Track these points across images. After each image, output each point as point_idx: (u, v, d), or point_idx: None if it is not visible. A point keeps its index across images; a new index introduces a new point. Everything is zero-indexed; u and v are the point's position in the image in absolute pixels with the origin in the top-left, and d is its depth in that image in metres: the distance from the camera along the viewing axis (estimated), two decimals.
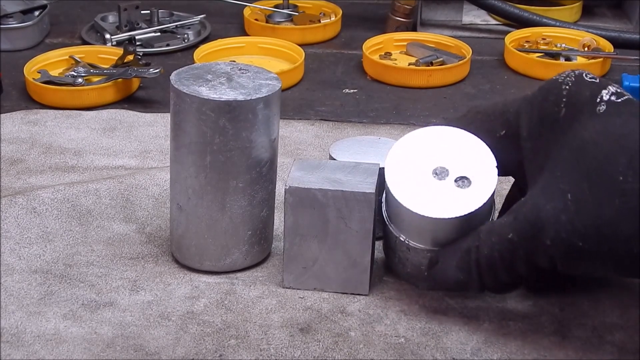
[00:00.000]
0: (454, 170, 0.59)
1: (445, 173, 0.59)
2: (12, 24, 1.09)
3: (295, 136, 0.89)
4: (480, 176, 0.59)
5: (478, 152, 0.60)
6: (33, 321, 0.61)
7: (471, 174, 0.59)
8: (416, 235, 0.60)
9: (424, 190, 0.59)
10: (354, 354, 0.58)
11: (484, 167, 0.59)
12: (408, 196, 0.59)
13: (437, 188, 0.59)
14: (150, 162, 0.83)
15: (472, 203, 0.58)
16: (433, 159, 0.60)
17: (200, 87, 0.62)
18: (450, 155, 0.60)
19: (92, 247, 0.69)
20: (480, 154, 0.60)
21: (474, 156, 0.60)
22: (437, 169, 0.60)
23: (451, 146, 0.60)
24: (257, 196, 0.65)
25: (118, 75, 0.96)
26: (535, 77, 1.04)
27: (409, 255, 0.62)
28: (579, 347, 0.59)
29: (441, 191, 0.59)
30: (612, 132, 0.54)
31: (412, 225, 0.60)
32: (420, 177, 0.60)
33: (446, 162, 0.60)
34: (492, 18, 1.20)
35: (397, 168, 0.60)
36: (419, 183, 0.59)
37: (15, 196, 0.74)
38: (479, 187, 0.59)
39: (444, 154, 0.60)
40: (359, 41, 1.09)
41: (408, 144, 0.61)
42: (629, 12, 1.22)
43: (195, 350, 0.59)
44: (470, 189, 0.59)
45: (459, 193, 0.59)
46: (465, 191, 0.59)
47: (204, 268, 0.66)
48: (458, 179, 0.59)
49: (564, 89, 0.57)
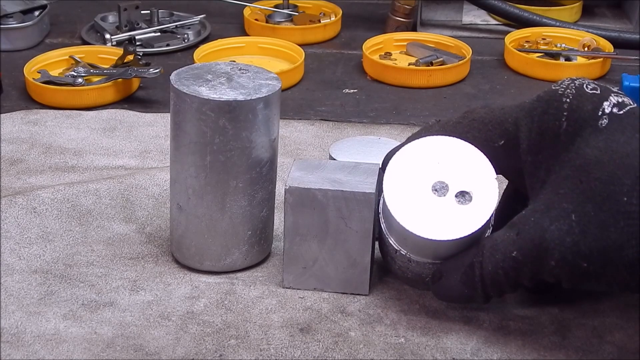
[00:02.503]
0: (453, 185, 0.58)
1: (445, 189, 0.58)
2: (12, 24, 1.09)
3: (295, 136, 0.89)
4: (481, 190, 0.58)
5: (477, 164, 0.59)
6: (33, 321, 0.61)
7: (471, 187, 0.58)
8: (417, 252, 0.60)
9: (425, 209, 0.58)
10: (354, 354, 0.58)
11: (484, 179, 0.58)
12: (409, 217, 0.58)
13: (438, 206, 0.58)
14: (150, 162, 0.83)
15: (474, 222, 0.57)
16: (432, 173, 0.59)
17: (200, 87, 0.62)
18: (449, 168, 0.59)
19: (92, 247, 0.69)
20: (480, 166, 0.59)
21: (473, 168, 0.59)
22: (437, 185, 0.58)
23: (449, 158, 0.59)
24: (257, 196, 0.65)
25: (118, 75, 0.96)
26: (535, 77, 1.04)
27: (410, 266, 0.61)
28: (579, 347, 0.59)
29: (442, 210, 0.58)
30: (615, 150, 0.53)
31: (414, 243, 0.59)
32: (420, 195, 0.58)
33: (445, 177, 0.58)
34: (492, 18, 1.20)
35: (395, 186, 0.59)
36: (419, 202, 0.58)
37: (15, 196, 0.74)
38: (480, 203, 0.58)
39: (443, 167, 0.59)
40: (359, 41, 1.09)
41: (405, 159, 0.59)
42: (629, 12, 1.22)
43: (195, 350, 0.59)
44: (471, 205, 0.58)
45: (460, 211, 0.57)
46: (467, 208, 0.57)
47: (204, 268, 0.66)
48: (458, 194, 0.58)
49: (565, 102, 0.56)
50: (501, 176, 0.62)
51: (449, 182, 0.58)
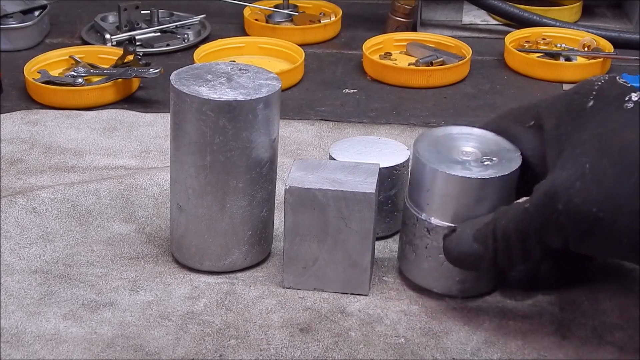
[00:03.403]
0: (481, 154, 0.63)
1: (473, 155, 0.62)
2: (12, 24, 1.09)
3: (295, 136, 0.89)
4: (505, 158, 0.62)
5: (503, 143, 0.63)
6: (33, 321, 0.61)
7: (497, 157, 0.62)
8: (438, 208, 0.61)
9: (452, 160, 0.62)
10: (354, 354, 0.58)
11: (508, 153, 0.62)
12: (436, 162, 0.61)
13: (465, 160, 0.62)
14: (150, 162, 0.83)
15: (498, 172, 0.61)
16: (460, 144, 0.63)
17: (200, 87, 0.62)
18: (476, 144, 0.63)
19: (92, 247, 0.69)
20: (505, 145, 0.63)
21: (499, 145, 0.63)
22: (464, 152, 0.63)
23: (477, 138, 0.64)
24: (257, 196, 0.65)
25: (118, 75, 0.96)
26: (535, 77, 1.04)
27: (428, 241, 0.62)
28: (579, 347, 0.59)
29: (468, 162, 0.62)
30: (637, 125, 0.55)
31: (436, 193, 0.61)
32: (449, 153, 0.62)
33: (473, 148, 0.63)
34: (492, 18, 1.20)
35: (426, 146, 0.63)
36: (448, 156, 0.62)
37: (15, 196, 0.74)
38: (504, 164, 0.61)
39: (471, 143, 0.64)
40: (359, 41, 1.09)
41: (436, 133, 0.65)
42: (629, 12, 1.22)
43: (195, 351, 0.59)
44: (496, 164, 0.61)
45: (485, 165, 0.61)
46: (492, 164, 0.61)
47: (204, 268, 0.66)
48: (485, 159, 0.62)
49: (596, 85, 0.59)
50: None
51: (476, 151, 0.63)
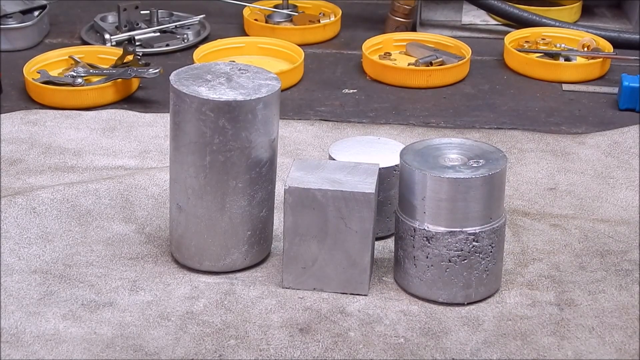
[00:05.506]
0: (467, 158, 0.63)
1: (459, 160, 0.63)
2: (12, 24, 1.09)
3: (295, 136, 0.89)
4: (491, 159, 0.63)
5: (485, 147, 0.64)
6: (33, 321, 0.61)
7: (483, 159, 0.63)
8: (435, 215, 0.61)
9: (442, 166, 0.63)
10: (354, 354, 0.58)
11: (493, 154, 0.64)
12: (427, 169, 0.62)
13: (453, 165, 0.63)
14: (150, 162, 0.83)
15: (489, 170, 0.62)
16: (444, 153, 0.64)
17: (200, 87, 0.62)
18: (460, 150, 0.64)
19: (91, 247, 0.69)
20: (487, 148, 0.64)
21: (481, 149, 0.64)
22: (451, 158, 0.64)
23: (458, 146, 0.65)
24: (256, 196, 0.65)
25: (118, 76, 0.96)
26: (534, 77, 1.04)
27: (429, 250, 0.62)
28: (579, 347, 0.59)
29: (457, 167, 0.62)
30: None
31: (432, 199, 0.61)
32: (436, 161, 0.63)
33: (457, 154, 0.64)
34: (492, 18, 1.20)
35: (413, 157, 0.63)
36: (436, 163, 0.63)
37: (15, 196, 0.73)
38: (492, 163, 0.63)
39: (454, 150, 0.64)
40: (359, 41, 1.09)
41: (417, 147, 0.65)
42: (629, 12, 1.22)
43: (195, 351, 0.59)
44: (484, 165, 0.62)
45: (474, 167, 0.62)
46: (480, 165, 0.62)
47: (203, 268, 0.66)
48: (472, 162, 0.63)
49: None
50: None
51: (462, 156, 0.64)
